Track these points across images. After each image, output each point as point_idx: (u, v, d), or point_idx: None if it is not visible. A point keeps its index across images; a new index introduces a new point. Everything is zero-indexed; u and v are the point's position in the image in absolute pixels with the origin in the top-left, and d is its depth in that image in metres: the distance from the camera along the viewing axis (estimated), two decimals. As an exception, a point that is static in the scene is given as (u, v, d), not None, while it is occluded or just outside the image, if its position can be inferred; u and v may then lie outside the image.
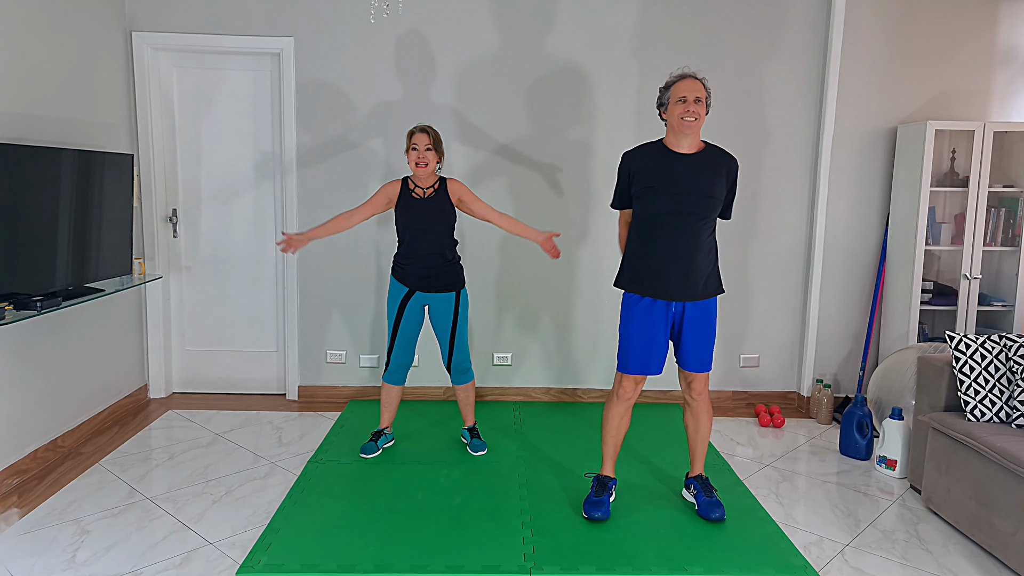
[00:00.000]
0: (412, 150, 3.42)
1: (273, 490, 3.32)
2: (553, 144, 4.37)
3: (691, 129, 2.85)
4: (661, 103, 2.95)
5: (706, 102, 2.87)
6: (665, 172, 2.88)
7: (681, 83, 2.86)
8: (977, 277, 4.17)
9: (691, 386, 3.08)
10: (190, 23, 4.25)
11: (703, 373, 3.05)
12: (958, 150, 4.34)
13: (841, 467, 3.73)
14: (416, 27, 4.28)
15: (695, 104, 2.82)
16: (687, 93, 2.83)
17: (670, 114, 2.89)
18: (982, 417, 3.09)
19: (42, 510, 3.10)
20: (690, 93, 2.83)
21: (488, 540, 2.88)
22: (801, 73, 4.35)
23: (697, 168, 2.88)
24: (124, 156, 3.74)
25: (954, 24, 4.30)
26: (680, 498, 3.29)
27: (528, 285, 4.50)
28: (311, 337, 4.53)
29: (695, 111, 2.82)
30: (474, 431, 3.82)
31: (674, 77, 2.90)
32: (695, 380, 3.07)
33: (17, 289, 3.08)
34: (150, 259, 4.42)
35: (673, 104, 2.86)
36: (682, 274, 2.90)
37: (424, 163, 3.41)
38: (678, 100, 2.84)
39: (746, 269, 4.51)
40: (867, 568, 2.79)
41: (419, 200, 3.47)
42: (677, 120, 2.85)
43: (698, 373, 3.05)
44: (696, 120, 2.83)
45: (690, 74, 2.88)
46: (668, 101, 2.90)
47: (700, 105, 2.83)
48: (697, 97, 2.83)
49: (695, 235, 2.89)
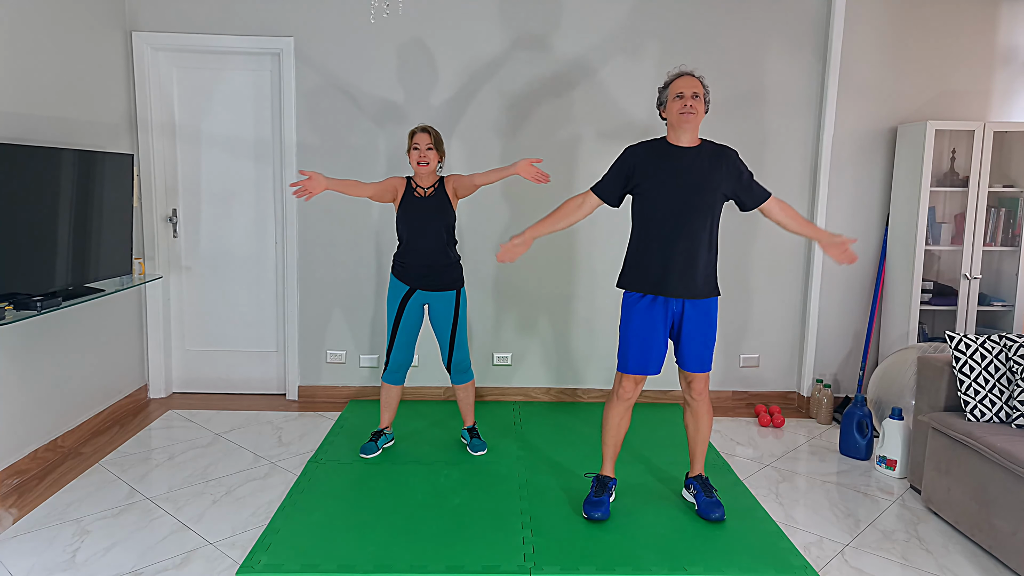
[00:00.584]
0: (414, 149, 3.45)
1: (273, 490, 3.32)
2: (552, 144, 4.37)
3: (689, 123, 2.87)
4: (660, 102, 2.99)
5: (704, 99, 2.91)
6: (667, 166, 2.90)
7: (679, 80, 2.91)
8: (977, 277, 4.17)
9: (691, 386, 3.09)
10: (190, 23, 4.26)
11: (703, 373, 3.05)
12: (958, 150, 4.34)
13: (841, 467, 3.73)
14: (416, 27, 4.28)
15: (692, 99, 2.87)
16: (684, 89, 2.87)
17: (669, 111, 2.93)
18: (982, 417, 3.09)
19: (42, 510, 3.10)
20: (687, 89, 2.87)
21: (488, 540, 2.88)
22: (801, 73, 4.35)
23: (697, 162, 2.91)
24: (124, 156, 3.74)
25: (954, 24, 4.30)
26: (680, 498, 3.29)
27: (528, 285, 4.50)
28: (311, 337, 4.53)
29: (693, 106, 2.86)
30: (474, 431, 3.82)
31: (671, 75, 2.95)
32: (695, 380, 3.07)
33: (17, 289, 3.08)
34: (150, 259, 4.42)
35: (671, 101, 2.91)
36: (682, 270, 2.90)
37: (426, 162, 3.44)
38: (676, 96, 2.89)
39: (746, 269, 4.51)
40: (867, 568, 2.79)
41: (420, 199, 3.48)
42: (676, 116, 2.89)
43: (698, 373, 3.05)
44: (694, 115, 2.87)
45: (687, 71, 2.94)
46: (667, 99, 2.94)
47: (698, 100, 2.88)
48: (694, 93, 2.87)
49: (696, 231, 2.89)
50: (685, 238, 2.88)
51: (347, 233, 4.43)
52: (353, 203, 4.39)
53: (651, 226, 2.93)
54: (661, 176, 2.90)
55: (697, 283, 2.93)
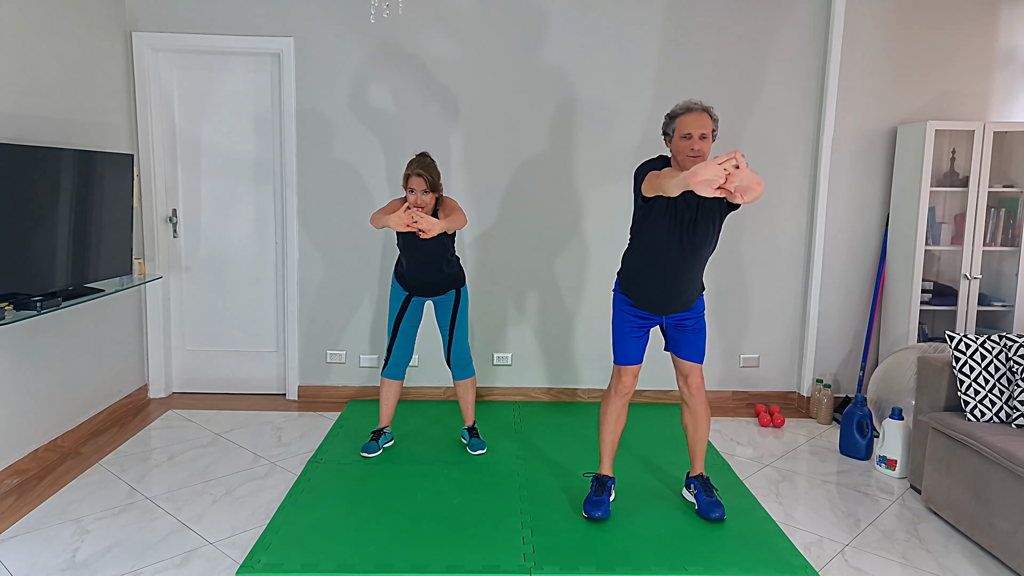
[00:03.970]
0: (409, 192, 3.36)
1: (273, 490, 3.32)
2: (551, 145, 4.37)
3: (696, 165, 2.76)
4: (666, 133, 2.85)
5: (712, 134, 2.78)
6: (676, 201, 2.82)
7: (687, 117, 2.75)
8: (977, 277, 4.17)
9: (688, 380, 3.11)
10: (190, 23, 4.26)
11: (698, 364, 3.09)
12: (958, 150, 4.34)
13: (841, 467, 3.73)
14: (416, 26, 4.28)
15: (700, 141, 2.73)
16: (692, 130, 2.73)
17: (675, 147, 2.80)
18: (982, 417, 3.09)
19: (42, 510, 3.10)
20: (695, 130, 2.73)
21: (488, 540, 2.88)
22: (801, 73, 4.35)
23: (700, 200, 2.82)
24: (124, 156, 3.74)
25: (954, 24, 4.30)
26: (680, 498, 3.29)
27: (528, 285, 4.50)
28: (311, 337, 4.53)
29: (700, 149, 2.74)
30: (474, 431, 3.82)
31: (680, 109, 2.78)
32: (691, 373, 3.09)
33: (17, 289, 3.08)
34: (150, 259, 4.42)
35: (678, 138, 2.77)
36: (676, 297, 2.97)
37: (421, 205, 3.36)
38: (683, 136, 2.76)
39: (746, 269, 4.51)
40: (867, 568, 2.79)
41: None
42: (683, 157, 2.77)
43: (694, 364, 3.08)
44: (702, 158, 2.74)
45: (696, 108, 2.76)
46: (673, 133, 2.80)
47: (706, 141, 2.75)
48: (703, 134, 2.73)
49: (692, 266, 2.90)
50: (681, 274, 2.91)
51: (347, 233, 4.43)
52: (353, 203, 4.39)
53: (651, 254, 2.91)
54: (670, 211, 2.82)
55: (688, 301, 3.00)
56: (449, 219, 3.28)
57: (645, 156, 4.40)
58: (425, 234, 3.14)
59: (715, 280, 4.51)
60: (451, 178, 4.39)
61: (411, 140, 4.35)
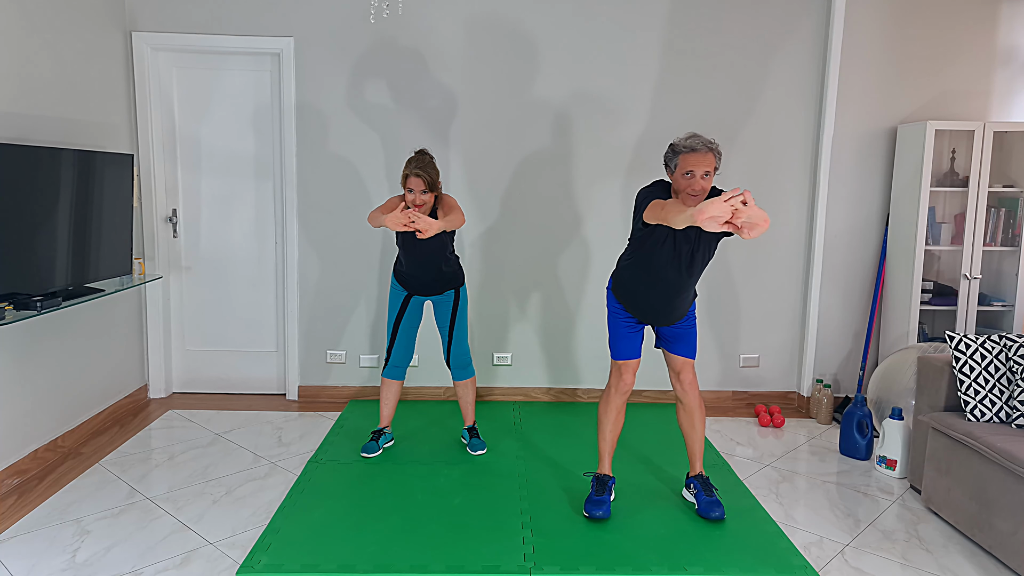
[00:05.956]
0: (408, 192, 3.35)
1: (273, 490, 3.32)
2: (551, 143, 4.37)
3: (696, 203, 2.73)
4: (668, 164, 2.83)
5: (715, 171, 2.76)
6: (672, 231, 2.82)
7: (691, 156, 2.72)
8: (977, 277, 4.17)
9: (680, 376, 3.13)
10: (190, 23, 4.25)
11: (690, 360, 3.11)
12: (958, 150, 4.34)
13: (841, 467, 3.73)
14: (416, 26, 4.28)
15: (703, 179, 2.72)
16: (695, 168, 2.71)
17: (676, 182, 2.79)
18: (982, 417, 3.09)
19: (42, 510, 3.10)
20: (698, 168, 2.71)
21: (488, 540, 2.88)
22: (801, 73, 4.35)
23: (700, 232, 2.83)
24: (124, 156, 3.74)
25: (954, 24, 4.30)
26: (680, 498, 3.29)
27: (529, 285, 4.50)
28: (311, 337, 4.53)
29: (702, 187, 2.72)
30: (474, 431, 3.82)
31: (684, 146, 2.74)
32: (683, 369, 3.11)
33: (17, 289, 3.08)
34: (150, 259, 4.42)
35: (680, 175, 2.76)
36: (664, 314, 3.02)
37: (419, 205, 3.35)
38: (685, 173, 2.74)
39: (746, 269, 4.51)
40: (867, 568, 2.79)
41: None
42: (683, 195, 2.76)
43: (686, 360, 3.10)
44: (701, 196, 2.73)
45: (701, 147, 2.72)
46: (675, 167, 2.79)
47: (708, 179, 2.74)
48: (705, 172, 2.72)
49: (687, 287, 2.95)
50: (678, 293, 2.94)
51: (347, 233, 4.43)
52: (353, 203, 4.39)
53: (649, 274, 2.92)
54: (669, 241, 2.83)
55: (680, 314, 3.05)
56: (447, 218, 3.27)
57: (645, 156, 4.40)
58: (423, 234, 3.14)
59: (715, 280, 4.51)
60: (450, 176, 4.39)
61: (411, 139, 4.35)
